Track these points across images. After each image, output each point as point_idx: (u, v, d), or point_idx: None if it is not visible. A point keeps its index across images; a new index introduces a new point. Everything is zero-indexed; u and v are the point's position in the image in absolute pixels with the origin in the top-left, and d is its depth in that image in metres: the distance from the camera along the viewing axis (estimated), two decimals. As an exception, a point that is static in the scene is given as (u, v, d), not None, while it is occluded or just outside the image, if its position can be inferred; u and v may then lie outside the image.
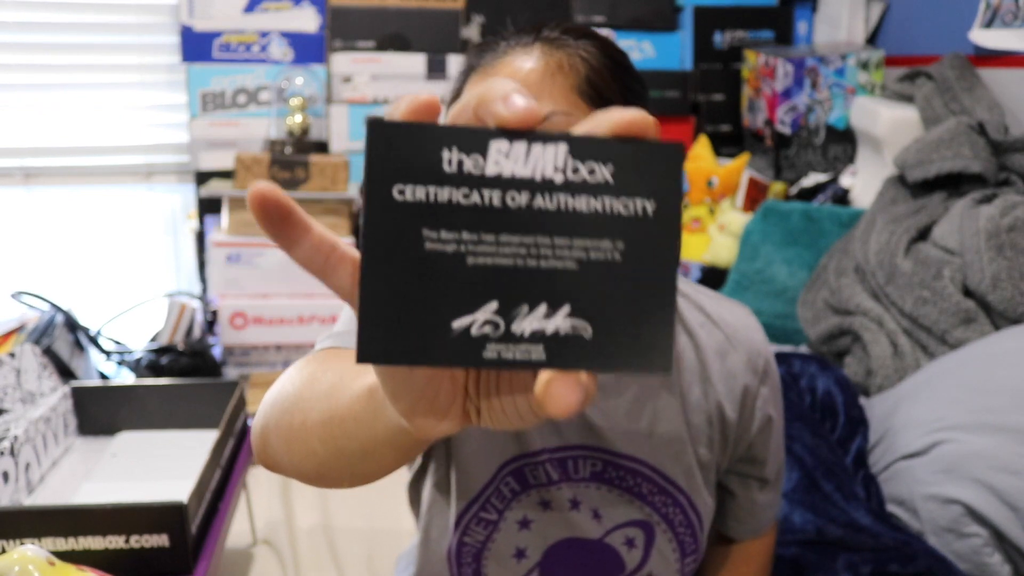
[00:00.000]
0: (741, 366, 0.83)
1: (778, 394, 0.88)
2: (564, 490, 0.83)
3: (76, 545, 0.87)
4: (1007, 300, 1.40)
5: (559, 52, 0.76)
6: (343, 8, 2.21)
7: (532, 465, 0.82)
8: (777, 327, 1.84)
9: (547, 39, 0.78)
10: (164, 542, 0.88)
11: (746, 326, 0.85)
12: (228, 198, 1.97)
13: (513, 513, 0.83)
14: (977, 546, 1.15)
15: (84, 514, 0.88)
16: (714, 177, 2.23)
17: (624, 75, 0.78)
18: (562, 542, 0.84)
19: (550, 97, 0.75)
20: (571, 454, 0.82)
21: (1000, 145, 1.64)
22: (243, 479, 1.14)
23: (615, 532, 0.84)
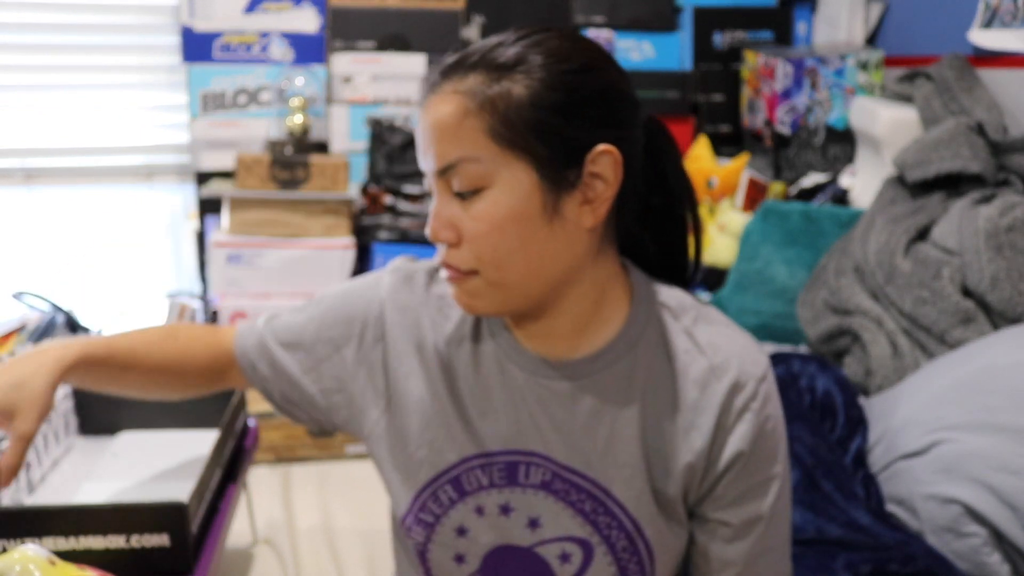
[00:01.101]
0: (721, 395, 0.77)
1: (766, 431, 0.78)
2: (494, 495, 0.82)
3: (77, 545, 0.87)
4: (1006, 300, 1.40)
5: (465, 96, 0.72)
6: (343, 8, 2.21)
7: (478, 469, 0.82)
8: (777, 327, 1.84)
9: (454, 80, 0.73)
10: (165, 542, 0.88)
11: (740, 354, 0.78)
12: (228, 198, 1.98)
13: (450, 520, 0.83)
14: (976, 546, 1.15)
15: (85, 514, 0.87)
16: (714, 177, 2.23)
17: (553, 109, 0.71)
18: (497, 549, 0.83)
19: (458, 142, 0.72)
20: (524, 459, 0.81)
21: (999, 145, 1.64)
22: (243, 479, 1.14)
23: (551, 544, 0.82)
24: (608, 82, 0.73)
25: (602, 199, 0.73)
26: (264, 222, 1.96)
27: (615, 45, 2.35)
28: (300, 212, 1.97)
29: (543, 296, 0.76)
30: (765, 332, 1.83)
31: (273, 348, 0.90)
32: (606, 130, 0.72)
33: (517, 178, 0.71)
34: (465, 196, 0.73)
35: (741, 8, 2.39)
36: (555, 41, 0.74)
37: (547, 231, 0.72)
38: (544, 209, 0.72)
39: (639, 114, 0.77)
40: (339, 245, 1.98)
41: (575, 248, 0.74)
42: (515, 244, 0.72)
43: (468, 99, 0.71)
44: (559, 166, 0.72)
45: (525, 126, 0.71)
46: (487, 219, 0.72)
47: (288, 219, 1.97)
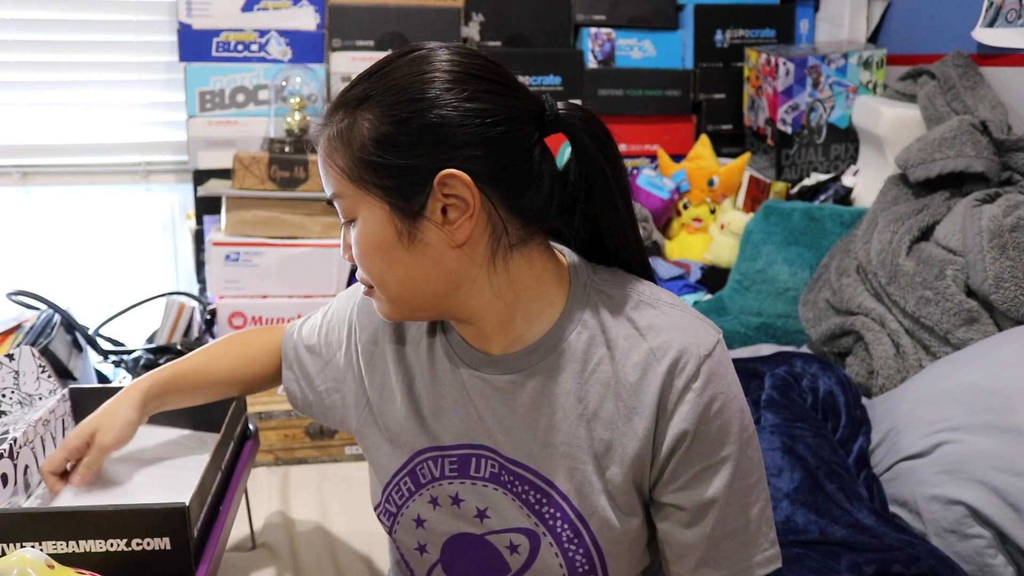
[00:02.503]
0: (660, 377, 0.77)
1: (711, 411, 0.77)
2: (446, 487, 0.85)
3: (77, 548, 0.86)
4: (1010, 300, 1.39)
5: (327, 134, 0.78)
6: (342, 7, 2.20)
7: (429, 460, 0.86)
8: (779, 327, 1.83)
9: (327, 118, 0.79)
10: (166, 545, 0.87)
11: (682, 334, 0.78)
12: (227, 198, 1.97)
13: (409, 511, 0.88)
14: (980, 547, 1.15)
15: (85, 517, 0.87)
16: (715, 177, 2.22)
17: (388, 143, 0.74)
18: (455, 537, 0.87)
19: (328, 179, 0.79)
20: (475, 452, 0.84)
21: (1003, 144, 1.64)
22: (243, 482, 1.14)
23: (500, 534, 0.84)
24: (451, 105, 0.73)
25: (462, 220, 0.75)
26: (262, 221, 1.95)
27: (616, 44, 2.34)
28: (299, 212, 1.96)
29: (436, 308, 0.81)
30: (767, 332, 1.82)
31: (300, 351, 1.00)
32: (452, 153, 0.74)
33: (372, 211, 0.76)
34: (348, 223, 0.80)
35: (743, 6, 2.39)
36: (402, 69, 0.76)
37: (408, 256, 0.77)
38: (400, 236, 0.76)
39: (514, 125, 0.75)
40: (338, 245, 1.97)
41: (446, 267, 0.77)
42: (382, 268, 0.78)
43: (329, 139, 0.77)
44: (406, 195, 0.75)
45: (368, 162, 0.75)
46: (359, 246, 0.78)
47: (287, 219, 1.96)
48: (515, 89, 0.77)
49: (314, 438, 1.80)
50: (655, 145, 2.38)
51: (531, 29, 2.31)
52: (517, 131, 0.76)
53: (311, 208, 1.97)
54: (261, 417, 1.73)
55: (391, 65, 0.77)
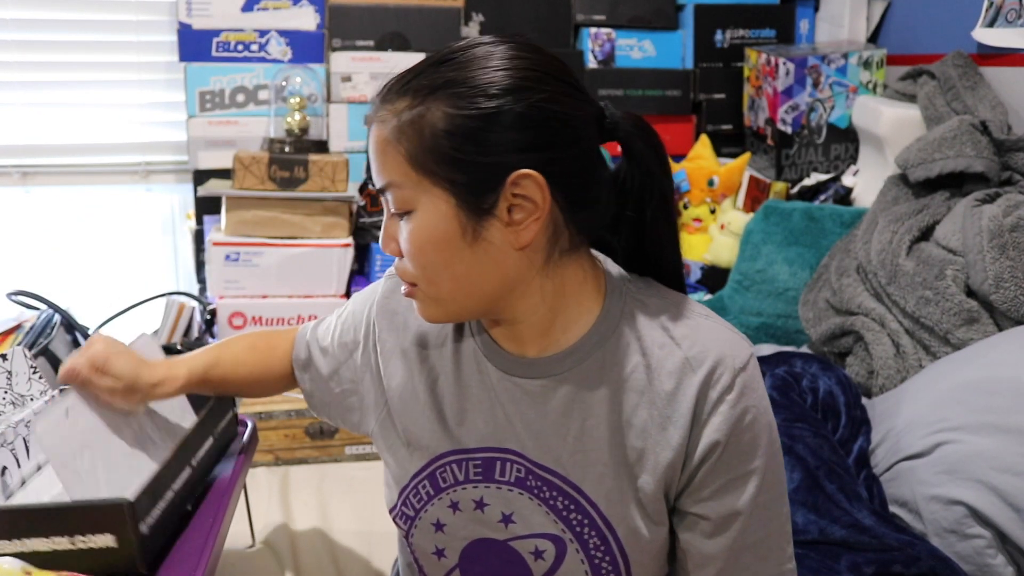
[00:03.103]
0: (695, 387, 0.76)
1: (743, 423, 0.76)
2: (470, 491, 0.84)
3: (22, 547, 0.84)
4: (1010, 300, 1.39)
5: (392, 121, 0.74)
6: (342, 7, 2.20)
7: (452, 464, 0.85)
8: (779, 327, 1.83)
9: (387, 103, 0.75)
10: (110, 542, 0.84)
11: (718, 346, 0.77)
12: (227, 198, 1.97)
13: (427, 515, 0.87)
14: (980, 547, 1.14)
15: (25, 515, 0.85)
16: (715, 177, 2.22)
17: (467, 137, 0.71)
18: (476, 542, 0.86)
19: (387, 167, 0.75)
20: (500, 456, 0.83)
21: (1003, 144, 1.63)
22: (241, 482, 1.13)
23: (525, 540, 0.83)
24: (535, 104, 0.72)
25: (529, 221, 0.74)
26: (262, 221, 1.95)
27: (616, 43, 2.34)
28: (299, 211, 1.96)
29: (485, 309, 0.79)
30: (767, 332, 1.82)
31: (314, 352, 0.99)
32: (528, 154, 0.72)
33: (436, 204, 0.73)
34: (400, 215, 0.76)
35: (743, 6, 2.39)
36: (483, 61, 0.73)
37: (470, 253, 0.74)
38: (464, 233, 0.74)
39: (584, 129, 0.75)
40: (338, 244, 1.97)
41: (504, 268, 0.75)
42: (439, 265, 0.75)
43: (393, 125, 0.74)
44: (477, 192, 0.73)
45: (440, 154, 0.72)
46: (413, 240, 0.75)
47: (287, 218, 1.96)
48: (584, 93, 0.77)
49: (314, 438, 1.80)
50: (655, 145, 2.37)
51: (531, 29, 2.30)
52: (587, 136, 0.76)
53: (311, 208, 1.97)
54: (261, 417, 1.73)
55: (462, 55, 0.74)
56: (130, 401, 0.98)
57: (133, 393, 0.97)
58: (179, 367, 1.00)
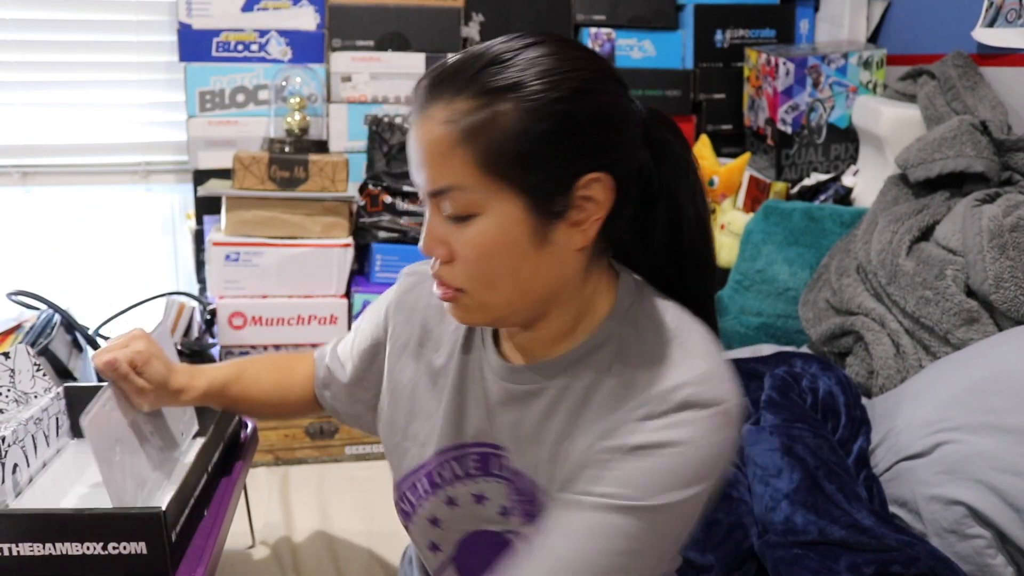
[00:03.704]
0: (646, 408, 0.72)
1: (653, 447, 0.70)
2: (469, 485, 0.84)
3: (54, 551, 0.86)
4: (1010, 300, 1.39)
5: (455, 121, 0.70)
6: (342, 7, 2.20)
7: (452, 460, 0.85)
8: (779, 327, 1.83)
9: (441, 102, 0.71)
10: (142, 549, 0.87)
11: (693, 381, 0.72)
12: (227, 198, 1.97)
13: (424, 511, 0.87)
14: (980, 547, 1.14)
15: (62, 520, 0.87)
16: (715, 177, 2.22)
17: (542, 140, 0.69)
18: (473, 534, 0.86)
19: (448, 170, 0.71)
20: (494, 451, 0.83)
21: (1003, 144, 1.63)
22: (241, 482, 1.13)
23: (519, 535, 0.83)
24: (602, 105, 0.71)
25: (592, 221, 0.73)
26: (262, 221, 1.95)
27: (616, 44, 2.34)
28: (299, 211, 1.96)
29: (530, 314, 0.78)
30: (767, 332, 1.82)
31: (334, 368, 1.00)
32: (598, 156, 0.71)
33: (505, 208, 0.71)
34: (457, 219, 0.73)
35: (743, 6, 2.38)
36: (549, 61, 0.71)
37: (536, 256, 0.73)
38: (532, 236, 0.72)
39: (636, 128, 0.75)
40: (338, 244, 1.97)
41: (564, 269, 0.75)
42: (504, 270, 0.73)
43: (457, 127, 0.70)
44: (548, 195, 0.71)
45: (512, 157, 0.70)
46: (476, 246, 0.72)
47: (287, 218, 1.96)
48: (630, 92, 0.76)
49: (314, 438, 1.80)
50: (655, 145, 2.37)
51: (531, 29, 2.30)
52: (638, 135, 0.75)
53: (311, 208, 1.97)
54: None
55: (519, 56, 0.72)
56: (153, 404, 0.99)
57: (158, 398, 0.98)
58: (200, 377, 1.01)
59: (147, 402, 0.98)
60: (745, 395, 1.39)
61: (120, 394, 0.96)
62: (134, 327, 1.00)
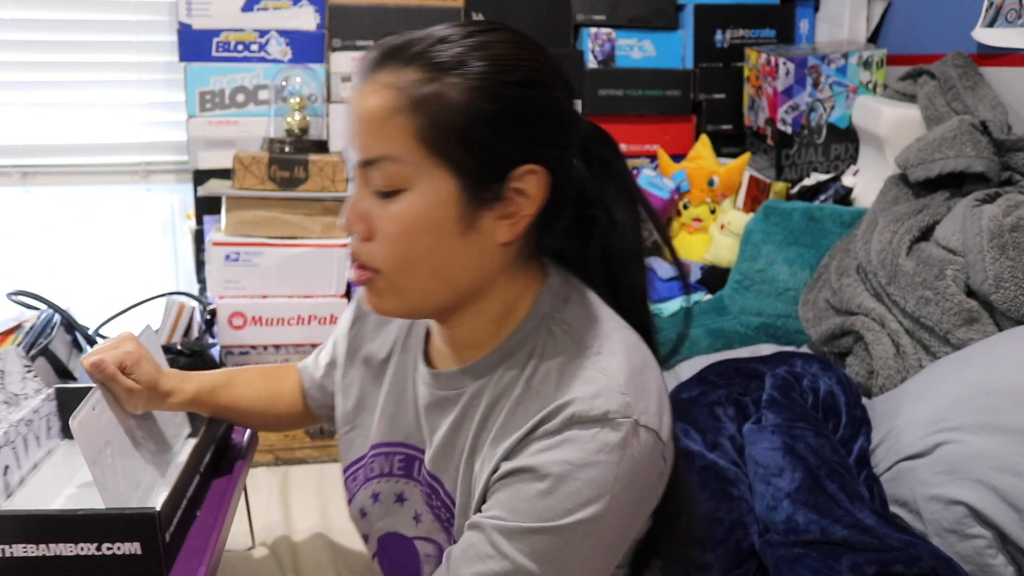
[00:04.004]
0: (535, 422, 0.71)
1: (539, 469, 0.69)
2: (392, 484, 0.85)
3: (47, 551, 0.86)
4: (1010, 300, 1.39)
5: (400, 90, 0.69)
6: (342, 7, 2.20)
7: (382, 456, 0.86)
8: (779, 327, 1.83)
9: (387, 70, 0.70)
10: (136, 550, 0.86)
11: (589, 395, 0.69)
12: (227, 198, 1.97)
13: (357, 501, 0.89)
14: (980, 548, 1.14)
15: (55, 521, 0.86)
16: (715, 177, 2.22)
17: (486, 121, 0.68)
18: (388, 535, 0.87)
19: (384, 138, 0.70)
20: (418, 455, 0.84)
21: (1003, 144, 1.63)
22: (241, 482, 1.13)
23: (425, 541, 0.83)
24: (549, 100, 0.71)
25: (521, 216, 0.72)
26: (262, 221, 1.95)
27: (616, 43, 2.34)
28: (299, 211, 1.96)
29: (445, 305, 0.76)
30: (767, 332, 1.82)
31: (318, 379, 1.01)
32: (537, 149, 0.70)
33: (437, 185, 0.70)
34: (383, 194, 0.71)
35: (743, 6, 2.38)
36: (502, 47, 0.71)
37: (458, 242, 0.71)
38: (459, 220, 0.70)
39: (577, 133, 0.74)
40: (338, 244, 1.97)
41: (485, 261, 0.73)
42: (423, 250, 0.71)
43: (400, 95, 0.69)
44: (482, 179, 0.70)
45: (454, 133, 0.68)
46: (400, 221, 0.70)
47: (287, 218, 1.96)
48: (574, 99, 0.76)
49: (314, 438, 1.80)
50: (655, 145, 2.38)
51: (531, 29, 2.27)
52: (578, 146, 0.75)
53: (311, 208, 1.97)
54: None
55: (488, 36, 0.72)
56: (143, 406, 0.99)
57: (148, 400, 0.98)
58: (189, 382, 1.00)
59: (137, 404, 0.98)
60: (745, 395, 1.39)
61: (110, 396, 0.96)
62: (123, 331, 1.01)
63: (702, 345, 1.77)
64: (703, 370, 1.52)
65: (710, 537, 1.20)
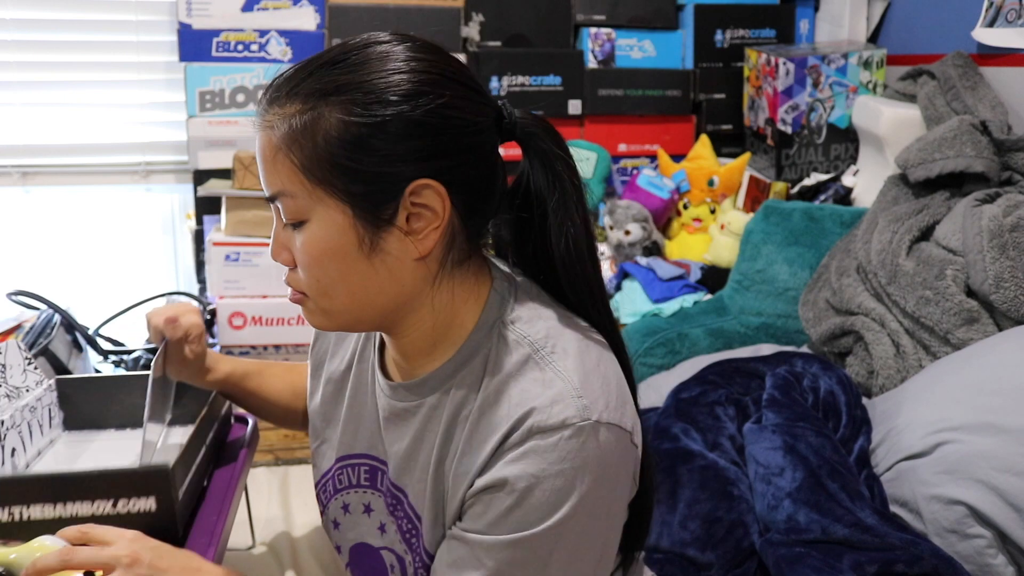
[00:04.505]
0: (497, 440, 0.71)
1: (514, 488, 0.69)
2: (360, 495, 0.86)
3: (64, 512, 0.87)
4: (1010, 300, 1.39)
5: (281, 126, 0.69)
6: (342, 7, 2.20)
7: (348, 467, 0.87)
8: (779, 327, 1.83)
9: (274, 106, 0.71)
10: (151, 506, 0.88)
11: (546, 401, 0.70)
12: (227, 198, 1.97)
13: (329, 513, 0.90)
14: (981, 547, 1.14)
15: (71, 480, 0.88)
16: (715, 177, 2.22)
17: (361, 146, 0.68)
18: (358, 545, 0.88)
19: (275, 175, 0.71)
20: (380, 466, 0.84)
21: (1003, 144, 1.64)
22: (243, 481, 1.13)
23: (389, 552, 0.83)
24: (433, 110, 0.69)
25: (428, 230, 0.71)
26: (262, 221, 1.95)
27: (616, 43, 2.34)
28: (299, 211, 1.96)
29: (376, 323, 0.77)
30: (767, 332, 1.82)
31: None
32: (426, 162, 0.69)
33: (331, 215, 0.70)
34: (292, 225, 0.73)
35: (743, 6, 2.39)
36: (374, 65, 0.69)
37: (366, 265, 0.71)
38: (361, 245, 0.71)
39: (483, 135, 0.72)
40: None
41: (402, 279, 0.73)
42: (335, 276, 0.72)
43: (282, 131, 0.69)
44: (374, 201, 0.70)
45: (334, 163, 0.68)
46: (308, 251, 0.72)
47: (287, 218, 1.96)
48: (484, 95, 0.74)
49: (314, 438, 1.80)
50: (655, 145, 2.38)
51: (531, 29, 2.31)
52: (486, 140, 0.73)
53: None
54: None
55: (356, 56, 0.70)
56: (184, 375, 1.03)
57: (192, 372, 1.02)
58: (225, 363, 1.05)
59: (183, 373, 1.02)
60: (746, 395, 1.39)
61: (160, 359, 1.00)
62: (183, 300, 1.04)
63: (702, 345, 1.77)
64: (703, 370, 1.52)
65: (710, 537, 1.20)
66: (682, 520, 1.22)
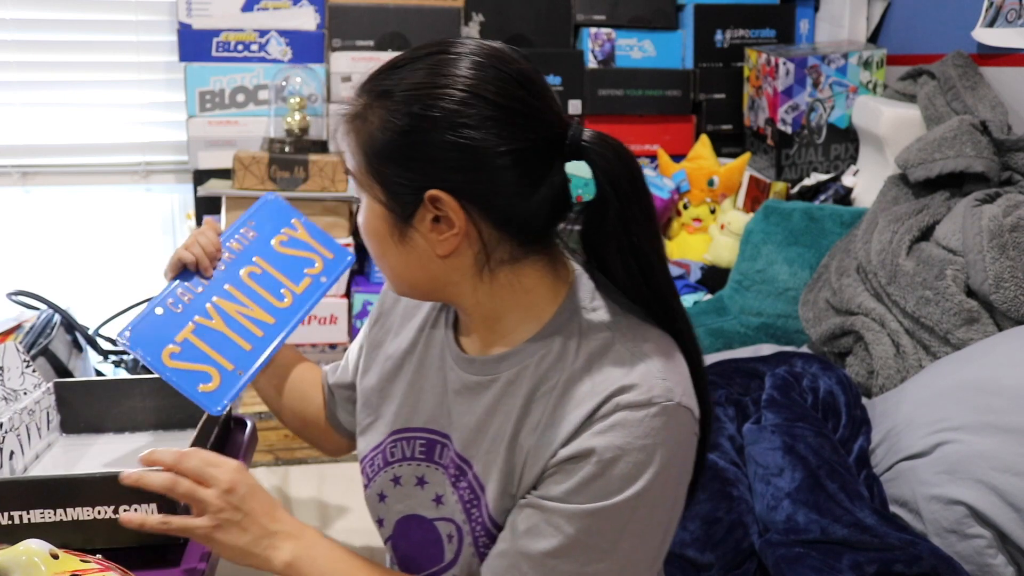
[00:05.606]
0: (583, 415, 0.76)
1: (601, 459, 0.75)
2: (414, 467, 0.89)
3: (65, 516, 0.87)
4: (1010, 300, 1.39)
5: (353, 115, 0.79)
6: (342, 7, 2.20)
7: (403, 441, 0.90)
8: (779, 327, 1.83)
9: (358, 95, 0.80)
10: (153, 511, 0.88)
11: (625, 380, 0.76)
12: (227, 198, 1.97)
13: (375, 486, 0.92)
14: (980, 547, 1.14)
15: (72, 484, 0.88)
16: (715, 176, 2.22)
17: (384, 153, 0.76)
18: (407, 517, 0.90)
19: (347, 155, 0.81)
20: (440, 439, 0.87)
21: (1003, 144, 1.64)
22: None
23: (446, 522, 0.87)
24: (448, 128, 0.73)
25: (447, 235, 0.77)
26: (262, 221, 1.95)
27: (616, 43, 2.35)
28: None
29: (426, 297, 0.86)
30: (767, 332, 1.82)
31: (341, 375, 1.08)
32: (440, 178, 0.75)
33: (372, 198, 0.80)
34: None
35: (743, 6, 2.39)
36: (419, 75, 0.76)
37: (399, 251, 0.80)
38: (392, 232, 0.79)
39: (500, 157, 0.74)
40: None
41: (430, 269, 0.80)
42: (378, 252, 0.83)
43: (352, 119, 0.79)
44: (400, 198, 0.77)
45: (375, 153, 0.77)
46: (361, 226, 0.83)
47: (287, 218, 1.96)
48: (530, 116, 0.76)
49: (314, 438, 1.80)
50: (655, 145, 2.38)
51: (531, 29, 2.31)
52: (522, 160, 0.75)
53: (311, 208, 1.97)
54: (261, 417, 1.73)
55: (414, 64, 0.77)
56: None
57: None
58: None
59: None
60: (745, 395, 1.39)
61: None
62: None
63: (702, 345, 1.77)
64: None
65: (710, 537, 1.20)
66: (681, 520, 1.22)
